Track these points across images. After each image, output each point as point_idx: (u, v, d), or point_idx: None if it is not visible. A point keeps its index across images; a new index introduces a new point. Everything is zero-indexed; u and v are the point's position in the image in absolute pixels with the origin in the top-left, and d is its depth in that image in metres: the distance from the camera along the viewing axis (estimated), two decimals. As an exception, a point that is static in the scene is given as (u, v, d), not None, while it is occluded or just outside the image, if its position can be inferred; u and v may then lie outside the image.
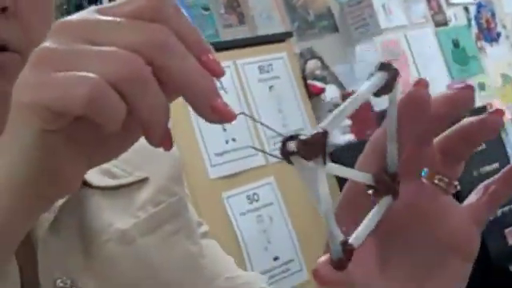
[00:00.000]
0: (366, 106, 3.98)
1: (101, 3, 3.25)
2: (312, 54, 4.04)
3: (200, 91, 0.51)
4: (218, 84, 0.52)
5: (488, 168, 3.96)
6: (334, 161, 0.50)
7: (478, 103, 4.64)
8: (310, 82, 3.75)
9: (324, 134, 0.49)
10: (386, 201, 0.57)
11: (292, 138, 0.50)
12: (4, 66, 0.71)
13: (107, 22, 0.52)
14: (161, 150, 0.54)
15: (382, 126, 0.58)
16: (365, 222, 0.55)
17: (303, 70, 3.83)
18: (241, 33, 3.83)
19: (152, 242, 0.82)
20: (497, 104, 4.81)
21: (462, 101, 0.57)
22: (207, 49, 0.53)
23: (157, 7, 0.52)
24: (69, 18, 0.53)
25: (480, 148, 3.95)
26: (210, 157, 2.99)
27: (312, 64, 3.92)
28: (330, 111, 3.48)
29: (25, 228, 0.55)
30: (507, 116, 4.91)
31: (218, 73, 0.52)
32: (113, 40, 0.50)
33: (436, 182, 0.61)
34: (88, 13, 0.53)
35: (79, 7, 3.20)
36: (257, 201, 3.13)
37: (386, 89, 0.54)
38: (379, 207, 0.56)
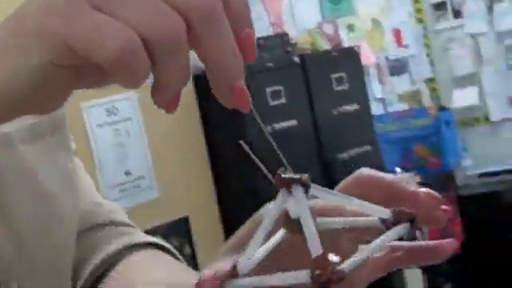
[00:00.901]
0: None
1: None
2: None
3: (227, 70, 0.48)
4: None
5: (348, 108, 4.04)
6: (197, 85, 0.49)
7: (346, 44, 4.73)
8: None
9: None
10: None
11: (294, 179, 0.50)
12: None
13: None
14: None
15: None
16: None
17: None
18: None
19: (34, 152, 0.81)
20: (364, 47, 4.92)
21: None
22: (248, 26, 0.49)
23: None
24: None
25: (341, 88, 4.04)
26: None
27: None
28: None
29: None
30: (372, 60, 5.04)
31: (250, 57, 0.49)
32: None
33: None
34: None
35: None
36: (115, 114, 3.13)
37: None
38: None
